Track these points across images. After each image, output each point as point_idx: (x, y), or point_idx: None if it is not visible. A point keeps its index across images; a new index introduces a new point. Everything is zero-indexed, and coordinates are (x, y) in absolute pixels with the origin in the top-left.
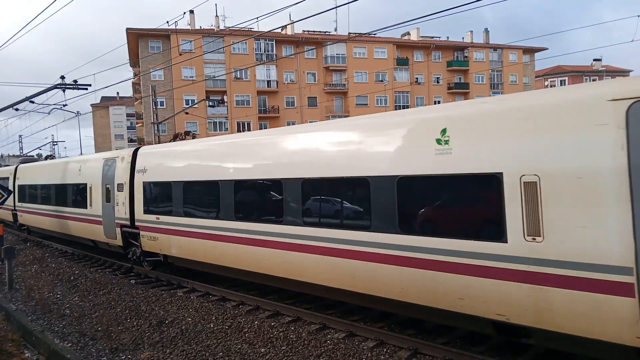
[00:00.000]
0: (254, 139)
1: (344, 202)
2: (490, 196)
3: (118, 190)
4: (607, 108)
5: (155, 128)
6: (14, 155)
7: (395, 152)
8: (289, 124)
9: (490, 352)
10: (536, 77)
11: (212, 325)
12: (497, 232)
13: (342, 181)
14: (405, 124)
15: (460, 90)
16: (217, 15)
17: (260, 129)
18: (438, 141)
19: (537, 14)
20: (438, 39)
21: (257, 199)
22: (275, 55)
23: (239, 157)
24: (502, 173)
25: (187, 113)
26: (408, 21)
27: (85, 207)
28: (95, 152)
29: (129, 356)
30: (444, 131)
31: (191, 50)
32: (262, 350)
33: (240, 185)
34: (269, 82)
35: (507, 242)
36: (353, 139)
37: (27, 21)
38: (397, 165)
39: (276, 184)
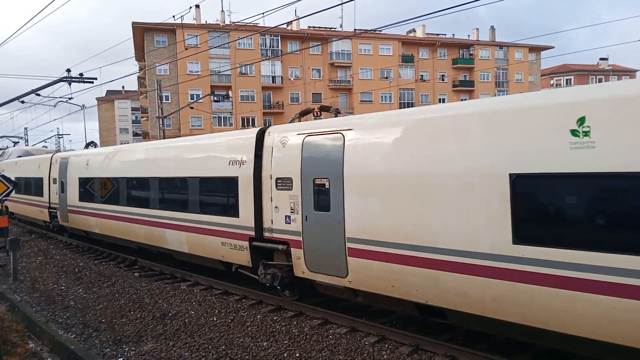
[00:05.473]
0: None
1: None
2: None
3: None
4: None
5: (160, 122)
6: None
7: None
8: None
9: (492, 350)
10: (542, 75)
11: (214, 319)
12: None
13: None
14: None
15: (465, 88)
16: (222, 10)
17: (265, 124)
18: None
19: (532, 11)
20: (444, 36)
21: None
22: (281, 51)
23: None
24: None
25: (192, 108)
26: (414, 18)
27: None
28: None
29: (132, 348)
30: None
31: (196, 45)
32: (265, 344)
33: None
34: (273, 77)
35: None
36: None
37: (26, 16)
38: None
39: None
